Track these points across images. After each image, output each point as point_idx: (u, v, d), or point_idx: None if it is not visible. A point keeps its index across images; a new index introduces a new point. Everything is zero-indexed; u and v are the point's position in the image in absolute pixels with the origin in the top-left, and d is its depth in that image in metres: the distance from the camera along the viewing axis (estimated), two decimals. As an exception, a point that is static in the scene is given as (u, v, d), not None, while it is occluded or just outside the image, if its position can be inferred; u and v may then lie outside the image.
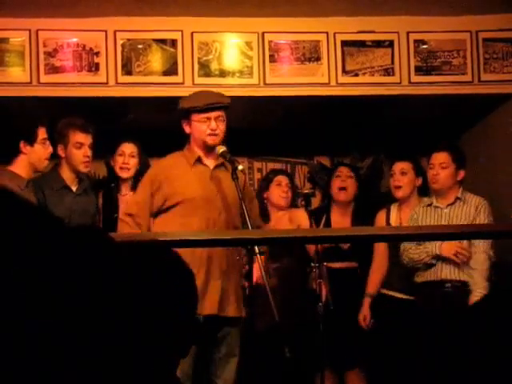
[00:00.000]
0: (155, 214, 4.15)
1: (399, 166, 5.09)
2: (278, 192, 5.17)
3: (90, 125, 4.68)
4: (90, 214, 4.72)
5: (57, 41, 5.17)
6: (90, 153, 4.64)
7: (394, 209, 5.14)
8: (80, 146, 4.61)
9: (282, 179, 5.25)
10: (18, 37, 5.13)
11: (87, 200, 4.77)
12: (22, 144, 4.34)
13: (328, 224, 5.19)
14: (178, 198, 4.07)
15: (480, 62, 5.41)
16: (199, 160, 4.14)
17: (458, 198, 4.76)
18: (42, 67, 5.14)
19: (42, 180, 4.60)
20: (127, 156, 4.94)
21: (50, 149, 4.45)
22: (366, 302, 5.02)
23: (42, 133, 4.40)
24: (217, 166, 4.17)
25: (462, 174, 4.80)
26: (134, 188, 4.89)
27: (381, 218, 5.14)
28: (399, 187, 5.06)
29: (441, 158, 4.78)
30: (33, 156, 4.38)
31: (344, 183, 5.28)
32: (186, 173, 4.12)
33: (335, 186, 5.31)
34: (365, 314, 4.99)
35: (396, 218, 5.09)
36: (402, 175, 5.06)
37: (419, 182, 5.10)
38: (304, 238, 3.61)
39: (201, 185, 4.09)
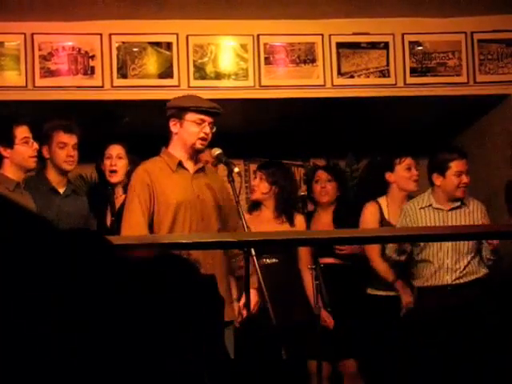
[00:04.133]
0: None
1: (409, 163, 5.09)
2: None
3: (75, 126, 4.66)
4: (79, 217, 4.68)
5: (52, 44, 5.17)
6: (73, 153, 4.61)
7: (383, 203, 5.13)
8: (63, 146, 4.59)
9: (257, 174, 5.14)
10: (13, 41, 5.13)
11: (76, 202, 4.72)
12: (0, 148, 4.29)
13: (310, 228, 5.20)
14: (160, 204, 4.02)
15: (475, 63, 5.42)
16: (180, 164, 4.09)
17: (462, 203, 4.75)
18: (37, 71, 5.14)
19: (29, 183, 4.58)
20: (114, 158, 4.90)
21: (35, 146, 4.34)
22: (399, 285, 5.02)
23: (20, 132, 4.30)
24: (197, 171, 4.12)
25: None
26: (126, 189, 4.87)
27: (373, 211, 5.12)
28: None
29: (462, 165, 4.73)
30: (16, 157, 4.29)
31: (324, 189, 5.31)
32: (168, 178, 4.05)
33: (316, 190, 5.34)
34: (408, 297, 4.99)
35: (388, 212, 5.10)
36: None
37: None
38: (300, 240, 3.61)
39: (183, 190, 4.04)
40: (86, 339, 1.14)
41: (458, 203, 4.74)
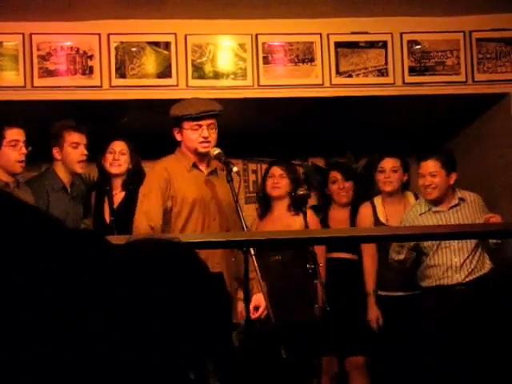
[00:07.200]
0: None
1: (390, 164, 5.12)
2: (270, 183, 5.15)
3: (83, 126, 4.68)
4: (79, 219, 4.70)
5: (50, 44, 5.16)
6: (86, 152, 4.63)
7: (378, 203, 5.18)
8: (76, 146, 4.60)
9: (275, 171, 5.19)
10: (12, 41, 5.12)
11: (78, 204, 4.75)
12: None
13: (326, 224, 5.32)
14: (177, 200, 4.08)
15: (473, 62, 5.42)
16: (195, 165, 4.16)
17: (460, 199, 4.79)
18: (35, 71, 5.13)
19: (43, 180, 4.58)
20: (117, 153, 4.90)
21: (23, 150, 4.30)
22: (372, 300, 5.04)
23: (10, 134, 4.27)
24: (210, 173, 4.19)
25: (454, 176, 4.81)
26: (125, 187, 4.86)
27: (367, 212, 5.19)
28: (390, 182, 5.10)
29: (430, 167, 4.77)
30: (1, 159, 4.25)
31: (342, 190, 5.44)
32: (183, 176, 4.13)
33: (334, 190, 5.47)
34: (374, 313, 5.02)
35: (382, 212, 5.13)
36: (392, 172, 5.11)
37: (405, 178, 5.24)
38: (300, 240, 3.61)
39: (197, 189, 4.11)
40: (85, 338, 1.14)
41: (455, 201, 4.77)
